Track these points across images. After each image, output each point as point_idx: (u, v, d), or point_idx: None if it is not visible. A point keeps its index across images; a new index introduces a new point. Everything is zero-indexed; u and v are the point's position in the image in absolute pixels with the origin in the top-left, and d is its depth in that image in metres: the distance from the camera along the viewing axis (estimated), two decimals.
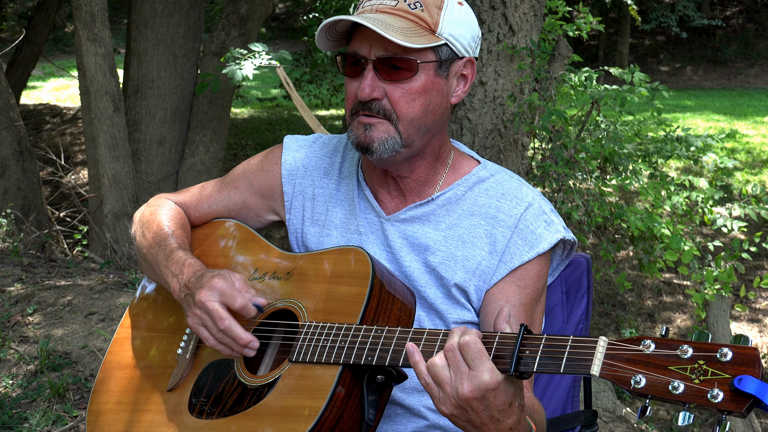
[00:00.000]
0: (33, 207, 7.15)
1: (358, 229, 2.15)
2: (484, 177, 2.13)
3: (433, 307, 2.07)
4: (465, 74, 2.07)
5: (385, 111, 1.99)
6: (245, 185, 2.31)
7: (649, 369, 1.51)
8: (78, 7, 6.21)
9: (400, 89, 1.98)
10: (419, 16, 1.97)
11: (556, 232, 2.07)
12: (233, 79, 5.69)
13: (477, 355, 1.65)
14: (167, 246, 2.17)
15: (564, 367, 1.60)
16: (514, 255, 2.04)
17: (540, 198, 2.11)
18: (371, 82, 1.97)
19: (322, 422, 1.78)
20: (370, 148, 2.00)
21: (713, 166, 6.06)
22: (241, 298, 1.96)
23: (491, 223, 2.06)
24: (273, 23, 23.17)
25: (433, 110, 2.02)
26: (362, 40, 1.98)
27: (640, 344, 1.54)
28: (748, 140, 12.64)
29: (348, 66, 2.02)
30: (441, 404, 1.70)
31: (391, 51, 1.95)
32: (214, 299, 1.95)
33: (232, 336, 1.94)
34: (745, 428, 5.36)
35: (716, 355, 1.47)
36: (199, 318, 1.98)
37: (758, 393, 1.42)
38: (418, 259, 2.08)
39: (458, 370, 1.66)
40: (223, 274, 2.00)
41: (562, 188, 5.40)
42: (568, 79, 5.80)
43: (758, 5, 22.07)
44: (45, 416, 3.82)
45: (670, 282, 8.59)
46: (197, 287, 1.99)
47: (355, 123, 2.02)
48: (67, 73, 13.44)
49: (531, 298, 2.06)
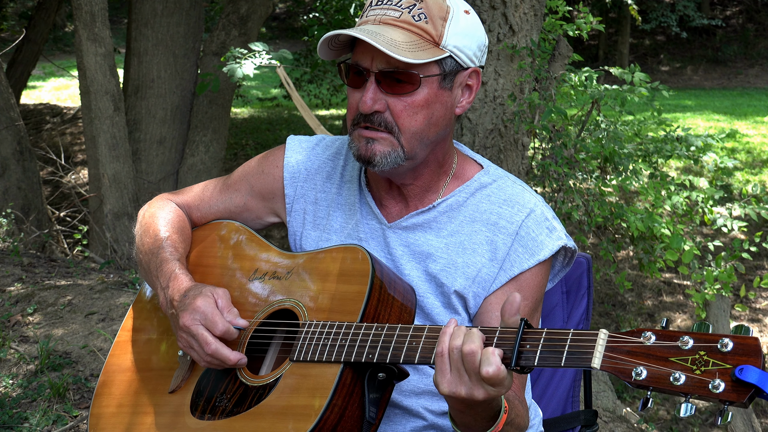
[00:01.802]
0: (33, 207, 7.15)
1: (358, 235, 2.14)
2: (486, 183, 2.11)
3: (430, 317, 2.06)
4: (470, 84, 2.04)
5: (387, 124, 1.96)
6: (246, 187, 2.30)
7: (650, 361, 1.51)
8: (78, 7, 6.21)
9: (402, 102, 1.95)
10: (423, 29, 1.94)
11: (557, 239, 2.05)
12: (233, 76, 5.68)
13: (475, 372, 1.65)
14: (159, 255, 2.17)
15: (565, 361, 1.59)
16: (514, 262, 2.03)
17: (542, 204, 2.09)
18: (373, 95, 1.95)
19: (324, 421, 1.78)
20: (372, 162, 1.98)
21: (713, 166, 6.07)
22: (221, 323, 1.95)
23: (492, 229, 2.05)
24: (273, 23, 23.17)
25: (436, 122, 2.00)
26: (365, 51, 1.96)
27: (641, 336, 1.54)
28: (748, 140, 12.64)
29: (350, 76, 2.00)
30: (441, 383, 1.71)
31: (393, 65, 1.93)
32: (197, 323, 1.95)
33: (220, 358, 1.95)
34: (745, 428, 5.36)
35: (717, 346, 1.47)
36: (186, 341, 1.99)
37: (760, 382, 1.42)
38: (418, 267, 2.07)
39: (461, 376, 1.68)
40: (205, 294, 1.99)
41: (562, 188, 5.40)
42: (568, 79, 5.80)
43: (758, 5, 22.07)
44: (45, 416, 3.82)
45: (670, 282, 8.59)
46: (181, 308, 1.99)
47: (356, 134, 2.00)
48: (67, 72, 13.44)
49: (529, 310, 2.04)
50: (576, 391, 2.52)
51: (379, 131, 1.97)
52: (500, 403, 1.76)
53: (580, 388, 2.51)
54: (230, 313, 1.99)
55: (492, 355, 1.63)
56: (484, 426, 1.77)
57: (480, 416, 1.75)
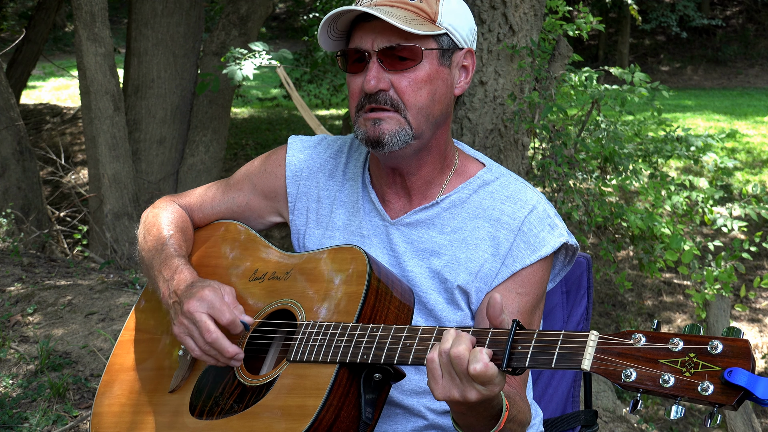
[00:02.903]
0: (33, 207, 7.16)
1: (361, 232, 2.15)
2: (488, 180, 2.12)
3: (433, 313, 2.06)
4: (466, 65, 2.08)
5: (392, 101, 1.98)
6: (249, 187, 2.31)
7: (639, 363, 1.51)
8: (78, 7, 6.21)
9: (406, 78, 1.97)
10: (419, 7, 1.98)
11: (559, 236, 2.06)
12: (233, 79, 5.69)
13: (464, 372, 1.65)
14: (164, 251, 2.17)
15: (555, 362, 1.59)
16: (516, 258, 2.04)
17: (544, 201, 2.10)
18: (376, 74, 1.96)
19: (319, 421, 1.78)
20: (381, 141, 1.98)
21: (713, 166, 6.07)
22: (229, 313, 1.95)
23: (495, 225, 2.06)
24: (273, 23, 23.18)
25: (439, 100, 2.02)
26: (364, 34, 1.98)
27: (631, 338, 1.54)
28: (748, 140, 12.64)
29: (350, 63, 2.02)
30: (435, 390, 1.71)
31: (394, 41, 1.95)
32: (202, 310, 1.94)
33: (219, 349, 1.94)
34: (745, 428, 5.36)
35: (707, 348, 1.46)
36: (186, 328, 1.97)
37: (748, 385, 1.41)
38: (421, 264, 2.08)
39: (452, 379, 1.68)
40: (213, 286, 2.00)
41: (562, 188, 5.40)
42: (568, 79, 5.81)
43: (758, 5, 22.07)
44: (45, 416, 3.82)
45: (670, 282, 8.59)
46: (186, 296, 1.99)
47: (361, 119, 2.01)
48: (67, 72, 13.45)
49: (530, 306, 2.05)
50: (576, 391, 2.52)
51: (385, 110, 1.98)
52: (501, 403, 1.76)
53: (580, 388, 2.51)
54: (237, 308, 1.99)
55: (479, 353, 1.64)
56: (486, 425, 1.77)
57: (481, 416, 1.75)
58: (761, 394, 1.41)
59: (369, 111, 1.99)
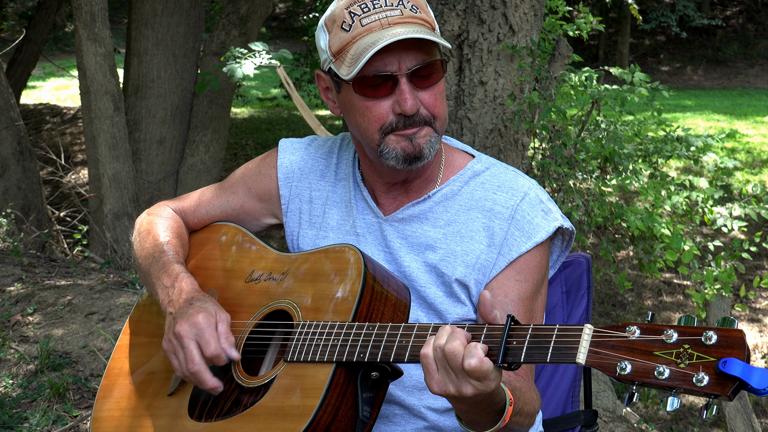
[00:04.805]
0: (33, 207, 7.16)
1: (355, 230, 2.15)
2: (479, 170, 2.13)
3: (433, 306, 2.07)
4: None
5: (424, 119, 1.98)
6: (243, 190, 2.31)
7: (634, 355, 1.50)
8: (78, 7, 6.21)
9: (432, 94, 1.98)
10: (422, 18, 1.99)
11: (553, 220, 2.07)
12: (233, 76, 5.69)
13: (459, 368, 1.65)
14: (161, 258, 2.17)
15: (550, 357, 1.59)
16: (512, 247, 2.04)
17: (536, 187, 2.10)
18: (411, 95, 1.95)
19: (317, 421, 1.78)
20: (422, 156, 1.99)
21: (713, 166, 6.07)
22: (215, 345, 1.94)
23: (488, 216, 2.06)
24: (273, 23, 23.18)
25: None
26: (386, 57, 1.93)
27: (625, 330, 1.53)
28: (748, 140, 12.64)
29: (368, 87, 1.96)
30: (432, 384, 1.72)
31: (420, 59, 1.95)
32: (190, 337, 1.94)
33: (199, 380, 1.95)
34: (745, 428, 5.36)
35: (701, 339, 1.46)
36: (173, 347, 1.98)
37: (743, 375, 1.41)
38: (417, 259, 2.08)
39: (448, 374, 1.68)
40: (209, 311, 1.98)
41: (562, 188, 5.40)
42: (568, 79, 5.80)
43: (758, 5, 22.07)
44: (45, 416, 3.82)
45: (670, 282, 8.59)
46: (180, 315, 1.98)
47: (391, 139, 1.98)
48: (67, 72, 13.44)
49: (531, 291, 2.05)
50: (576, 391, 2.52)
51: (419, 126, 1.98)
52: (504, 398, 1.76)
53: (580, 388, 2.51)
54: (227, 340, 1.96)
55: (474, 348, 1.64)
56: (491, 420, 1.77)
57: (484, 412, 1.75)
58: (756, 384, 1.41)
59: (402, 130, 1.98)
